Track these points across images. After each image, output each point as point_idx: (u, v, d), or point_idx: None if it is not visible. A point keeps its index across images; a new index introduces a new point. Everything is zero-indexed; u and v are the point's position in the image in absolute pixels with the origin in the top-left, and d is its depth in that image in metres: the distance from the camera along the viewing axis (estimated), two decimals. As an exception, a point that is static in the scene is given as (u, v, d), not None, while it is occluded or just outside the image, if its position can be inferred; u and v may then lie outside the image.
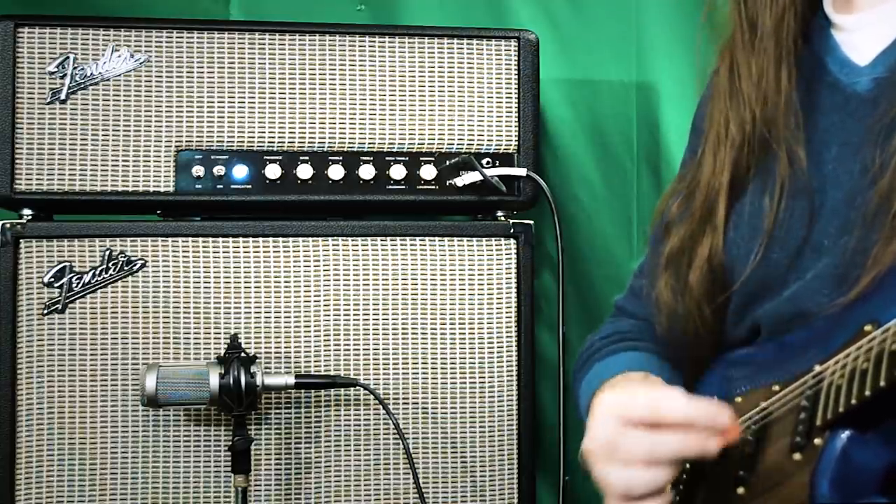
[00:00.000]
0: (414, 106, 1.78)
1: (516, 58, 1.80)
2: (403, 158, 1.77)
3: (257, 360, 1.63)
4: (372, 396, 1.70)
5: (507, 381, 1.78)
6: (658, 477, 0.98)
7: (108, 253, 1.67)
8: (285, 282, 1.72)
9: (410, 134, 1.77)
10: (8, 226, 1.65)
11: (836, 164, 1.07)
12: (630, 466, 0.98)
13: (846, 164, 1.06)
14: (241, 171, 1.72)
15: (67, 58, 1.67)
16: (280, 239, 1.72)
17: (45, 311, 1.65)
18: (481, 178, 1.74)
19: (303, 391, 1.71)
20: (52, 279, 1.66)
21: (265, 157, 1.73)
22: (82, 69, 1.68)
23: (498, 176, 1.76)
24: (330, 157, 1.75)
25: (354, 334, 1.74)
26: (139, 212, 1.75)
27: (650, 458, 0.98)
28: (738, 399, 1.06)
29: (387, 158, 1.77)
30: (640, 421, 0.98)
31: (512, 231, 1.78)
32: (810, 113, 1.12)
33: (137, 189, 1.69)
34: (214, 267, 1.70)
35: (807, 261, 1.06)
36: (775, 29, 1.15)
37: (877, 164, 1.01)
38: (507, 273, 1.78)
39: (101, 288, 1.67)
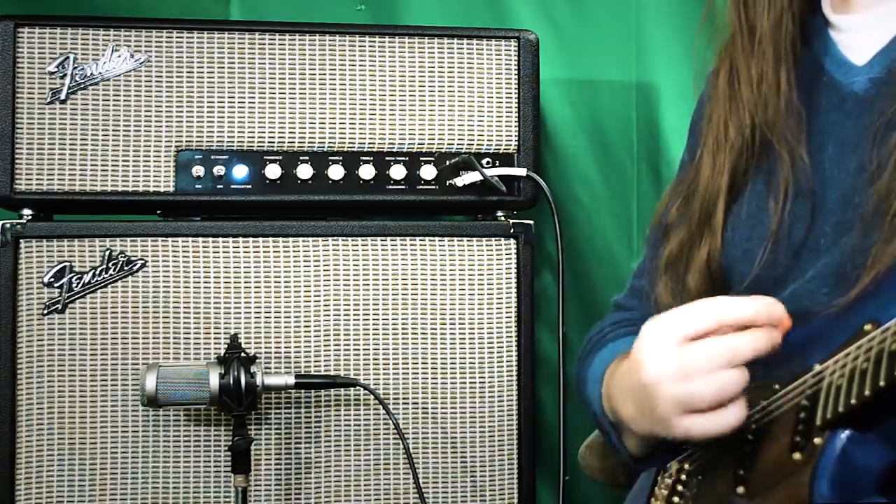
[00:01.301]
0: (414, 106, 1.77)
1: (516, 58, 1.80)
2: (403, 158, 1.77)
3: (257, 360, 1.63)
4: (372, 396, 1.70)
5: (507, 381, 1.78)
6: (742, 377, 0.96)
7: (108, 253, 1.67)
8: (285, 282, 1.72)
9: (410, 134, 1.77)
10: (8, 226, 1.65)
11: (833, 164, 1.08)
12: (715, 373, 0.95)
13: (843, 163, 1.07)
14: (241, 171, 1.72)
15: (67, 58, 1.67)
16: (280, 239, 1.72)
17: (45, 311, 1.65)
18: (481, 178, 1.74)
19: (303, 391, 1.71)
20: (52, 279, 1.66)
21: (265, 157, 1.73)
22: (82, 69, 1.68)
23: (498, 176, 1.76)
24: (330, 157, 1.75)
25: (354, 334, 1.74)
26: (139, 212, 1.75)
27: (732, 360, 0.95)
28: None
29: (387, 158, 1.77)
30: (706, 331, 0.96)
31: (512, 231, 1.78)
32: (808, 113, 1.12)
33: (137, 189, 1.69)
34: (214, 267, 1.70)
35: (805, 261, 1.06)
36: (773, 31, 1.15)
37: (874, 163, 1.02)
38: (507, 273, 1.78)
39: (101, 288, 1.67)
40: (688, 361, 0.96)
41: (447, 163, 1.77)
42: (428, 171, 1.77)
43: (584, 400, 1.27)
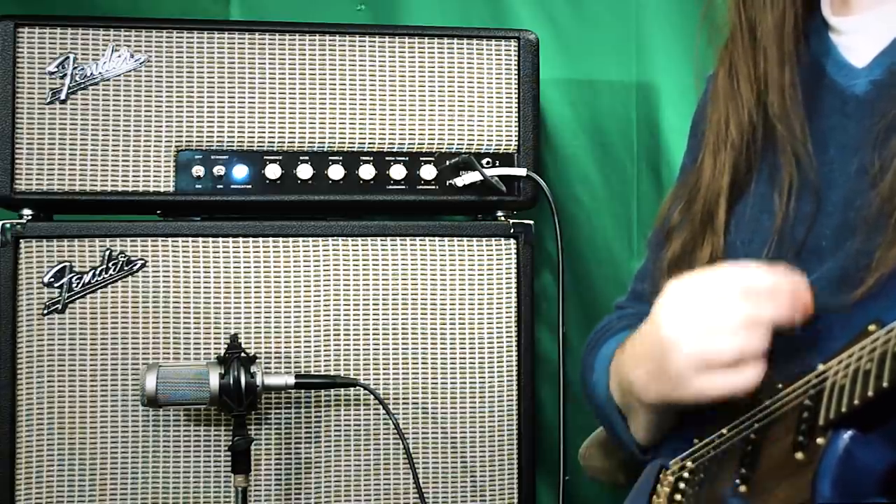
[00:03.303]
0: (414, 106, 1.78)
1: (516, 58, 1.80)
2: (403, 158, 1.77)
3: (257, 360, 1.63)
4: (372, 396, 1.70)
5: (507, 381, 1.78)
6: (765, 338, 0.96)
7: (108, 253, 1.67)
8: (285, 282, 1.72)
9: (410, 134, 1.77)
10: (8, 226, 1.65)
11: (834, 167, 1.08)
12: (739, 331, 0.95)
13: (843, 165, 1.07)
14: (241, 171, 1.72)
15: (67, 58, 1.67)
16: (280, 239, 1.72)
17: (45, 311, 1.65)
18: (481, 178, 1.74)
19: (303, 391, 1.71)
20: (52, 279, 1.66)
21: (265, 157, 1.73)
22: (82, 69, 1.68)
23: (498, 176, 1.76)
24: (330, 157, 1.75)
25: (354, 334, 1.74)
26: (139, 212, 1.75)
27: (756, 321, 0.95)
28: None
29: (387, 158, 1.77)
30: (732, 295, 0.96)
31: (512, 231, 1.78)
32: (809, 115, 1.12)
33: (137, 189, 1.69)
34: (214, 267, 1.70)
35: (806, 262, 1.06)
36: (775, 29, 1.15)
37: (876, 166, 1.02)
38: (507, 273, 1.78)
39: (101, 288, 1.67)
40: (710, 319, 0.96)
41: (447, 163, 1.77)
42: (428, 171, 1.77)
43: (588, 389, 1.26)
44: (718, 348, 0.96)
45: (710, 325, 0.96)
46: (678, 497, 1.12)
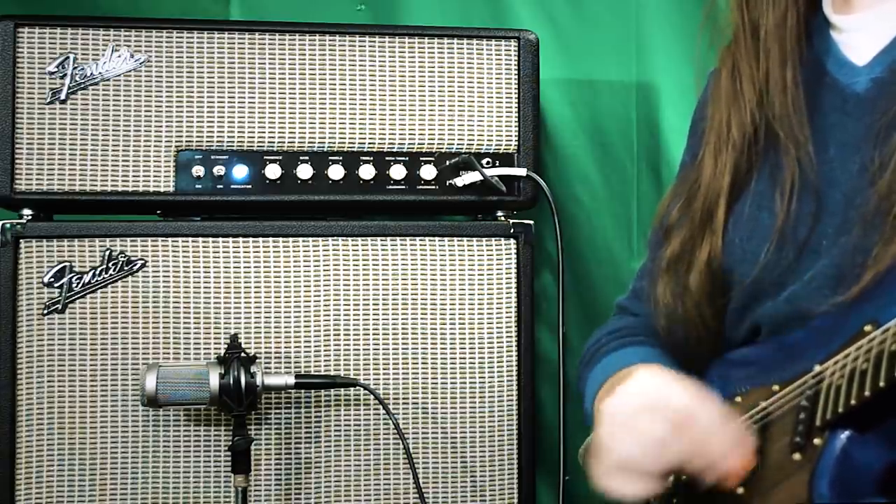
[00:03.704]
0: (414, 106, 1.77)
1: (516, 58, 1.80)
2: (403, 158, 1.77)
3: (257, 360, 1.63)
4: (372, 396, 1.70)
5: (507, 381, 1.78)
6: (664, 463, 1.00)
7: (108, 253, 1.67)
8: (285, 282, 1.72)
9: (410, 134, 1.77)
10: (8, 226, 1.65)
11: (835, 164, 1.08)
12: (642, 443, 1.00)
13: (844, 163, 1.07)
14: (241, 171, 1.72)
15: (67, 58, 1.67)
16: (280, 239, 1.72)
17: (45, 311, 1.65)
18: (481, 178, 1.74)
19: (303, 391, 1.71)
20: (52, 279, 1.66)
21: (265, 157, 1.73)
22: (82, 69, 1.68)
23: (498, 176, 1.76)
24: (330, 157, 1.75)
25: (354, 334, 1.74)
26: (139, 212, 1.75)
27: (663, 446, 0.99)
28: (738, 399, 1.06)
29: (387, 158, 1.77)
30: (672, 410, 0.99)
31: (512, 231, 1.78)
32: (810, 113, 1.12)
33: (137, 189, 1.69)
34: (214, 267, 1.70)
35: (805, 261, 1.06)
36: (777, 29, 1.15)
37: (876, 164, 1.01)
38: (507, 273, 1.78)
39: (101, 288, 1.67)
40: (635, 420, 1.02)
41: (447, 163, 1.77)
42: (428, 171, 1.77)
43: (585, 411, 1.27)
44: (630, 454, 1.02)
45: (639, 430, 1.01)
46: (675, 500, 1.12)
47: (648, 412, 1.00)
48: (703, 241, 1.16)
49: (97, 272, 1.67)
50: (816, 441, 0.90)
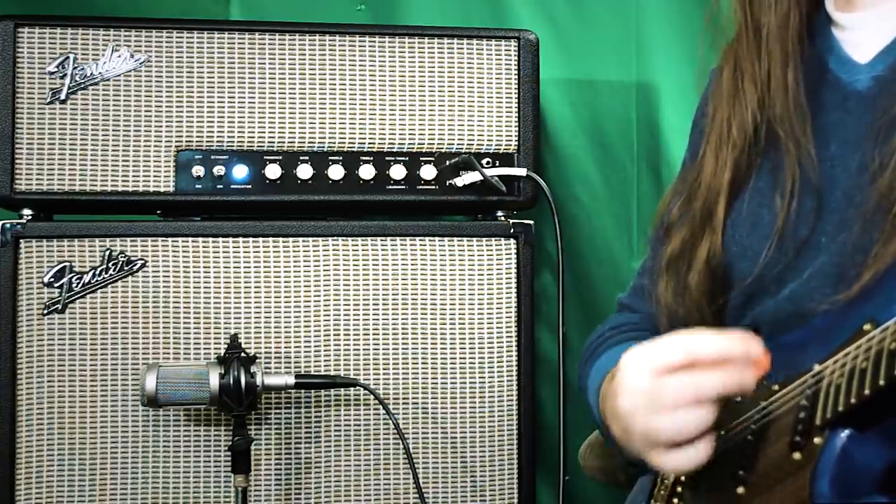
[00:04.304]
0: (414, 106, 1.78)
1: (516, 58, 1.80)
2: (403, 158, 1.77)
3: (257, 360, 1.63)
4: (372, 396, 1.70)
5: (507, 381, 1.78)
6: (706, 416, 0.95)
7: (108, 253, 1.67)
8: (285, 282, 1.72)
9: (410, 134, 1.77)
10: (8, 226, 1.65)
11: (835, 162, 1.08)
12: (678, 410, 0.95)
13: (845, 161, 1.07)
14: (241, 171, 1.72)
15: (67, 58, 1.67)
16: (280, 239, 1.72)
17: (45, 311, 1.65)
18: (481, 178, 1.74)
19: (303, 391, 1.71)
20: (52, 279, 1.66)
21: (265, 157, 1.73)
22: (82, 69, 1.68)
23: (498, 176, 1.76)
24: (330, 157, 1.75)
25: (354, 334, 1.74)
26: (139, 212, 1.75)
27: (696, 397, 0.95)
28: (738, 399, 1.06)
29: (387, 158, 1.77)
30: (677, 366, 0.95)
31: (512, 231, 1.78)
32: (812, 111, 1.12)
33: (137, 189, 1.69)
34: (214, 267, 1.70)
35: (805, 259, 1.06)
36: (780, 29, 1.15)
37: (876, 162, 1.01)
38: (507, 273, 1.78)
39: (101, 288, 1.67)
40: (655, 396, 0.97)
41: (447, 163, 1.77)
42: (428, 171, 1.77)
43: (587, 406, 1.27)
44: (658, 429, 0.97)
45: (656, 403, 0.96)
46: (676, 500, 1.12)
47: (661, 381, 0.96)
48: (702, 239, 1.16)
49: (97, 272, 1.67)
50: (816, 440, 0.90)
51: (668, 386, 0.95)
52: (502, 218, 1.81)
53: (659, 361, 0.97)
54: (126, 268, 1.68)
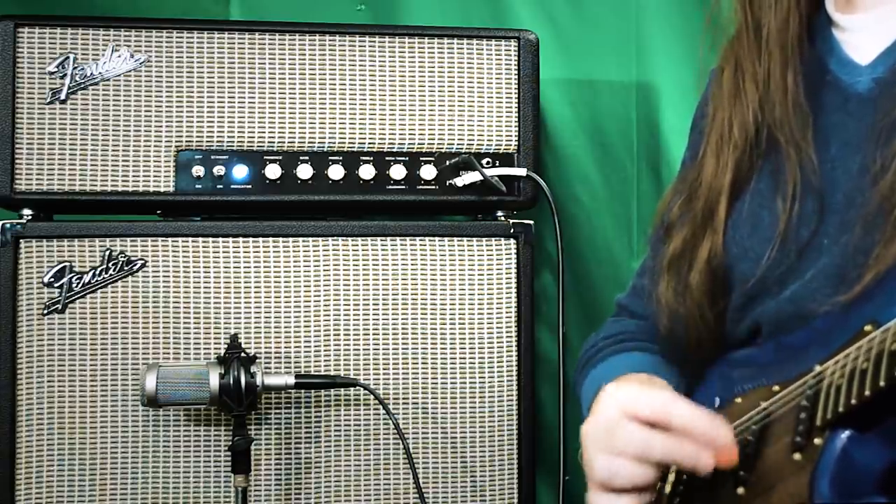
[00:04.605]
0: (414, 106, 1.78)
1: (516, 58, 1.80)
2: (403, 158, 1.77)
3: (257, 360, 1.63)
4: (372, 396, 1.70)
5: (507, 381, 1.78)
6: (643, 474, 0.99)
7: (108, 253, 1.67)
8: (285, 282, 1.72)
9: (410, 134, 1.77)
10: (8, 226, 1.65)
11: (836, 164, 1.08)
12: (619, 457, 0.99)
13: (846, 163, 1.07)
14: (241, 171, 1.72)
15: (67, 58, 1.67)
16: (280, 239, 1.72)
17: (45, 311, 1.65)
18: (481, 178, 1.74)
19: (303, 391, 1.71)
20: (52, 279, 1.66)
21: (265, 157, 1.73)
22: (82, 69, 1.68)
23: (498, 176, 1.76)
24: (330, 157, 1.75)
25: (354, 334, 1.74)
26: (139, 212, 1.75)
27: (641, 454, 0.99)
28: (739, 399, 1.06)
29: (387, 158, 1.77)
30: (642, 417, 0.98)
31: (512, 231, 1.78)
32: (812, 113, 1.12)
33: (137, 189, 1.69)
34: (214, 267, 1.70)
35: (806, 260, 1.06)
36: (780, 30, 1.15)
37: (877, 164, 1.01)
38: (507, 273, 1.78)
39: (101, 288, 1.67)
40: (610, 435, 1.01)
41: (447, 163, 1.77)
42: (428, 171, 1.77)
43: (583, 417, 1.27)
44: (597, 467, 1.02)
45: (607, 443, 1.01)
46: (677, 500, 1.12)
47: (621, 423, 1.00)
48: (703, 239, 1.16)
49: (97, 272, 1.67)
50: (817, 441, 0.90)
51: (624, 431, 0.99)
52: (502, 218, 1.81)
53: (632, 405, 1.00)
54: (126, 268, 1.68)
